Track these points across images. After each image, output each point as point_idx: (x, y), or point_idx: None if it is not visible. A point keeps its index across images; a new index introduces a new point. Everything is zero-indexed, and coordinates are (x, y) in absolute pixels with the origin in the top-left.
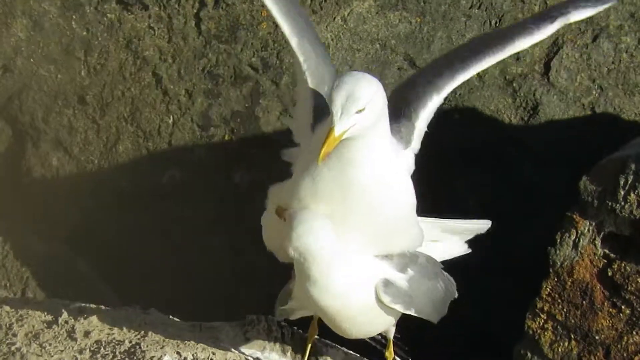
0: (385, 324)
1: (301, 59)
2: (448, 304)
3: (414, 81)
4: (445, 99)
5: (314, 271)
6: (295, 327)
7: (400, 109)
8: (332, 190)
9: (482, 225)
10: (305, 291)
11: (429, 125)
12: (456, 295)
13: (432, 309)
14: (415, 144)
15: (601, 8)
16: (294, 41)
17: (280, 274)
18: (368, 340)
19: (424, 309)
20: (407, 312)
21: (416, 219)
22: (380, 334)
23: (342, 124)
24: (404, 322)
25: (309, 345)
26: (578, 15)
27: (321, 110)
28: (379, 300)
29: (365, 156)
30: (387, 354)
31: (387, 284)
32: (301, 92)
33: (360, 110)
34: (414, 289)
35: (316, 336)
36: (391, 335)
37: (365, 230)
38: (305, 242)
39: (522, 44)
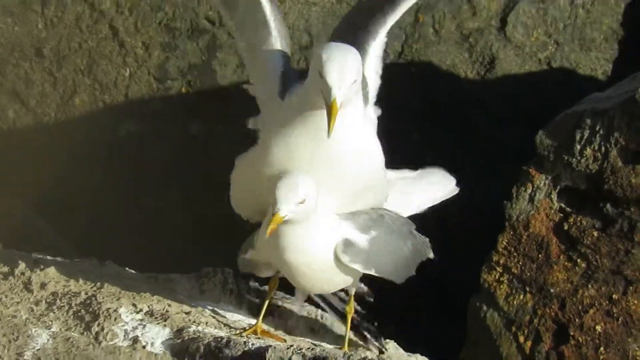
0: (346, 282)
1: (270, 18)
2: (417, 264)
3: (349, 30)
4: (400, 54)
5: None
6: (252, 280)
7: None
8: (308, 157)
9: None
10: (269, 242)
11: (384, 80)
12: (430, 255)
13: (394, 269)
14: (372, 95)
15: None
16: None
17: (237, 226)
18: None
19: (385, 269)
20: (367, 272)
21: (385, 177)
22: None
23: (342, 96)
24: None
25: (268, 299)
26: None
27: (290, 79)
28: (338, 260)
29: (341, 124)
30: (347, 308)
31: (347, 243)
32: (267, 57)
33: (354, 82)
34: (375, 250)
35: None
36: (352, 291)
37: (338, 193)
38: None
39: None
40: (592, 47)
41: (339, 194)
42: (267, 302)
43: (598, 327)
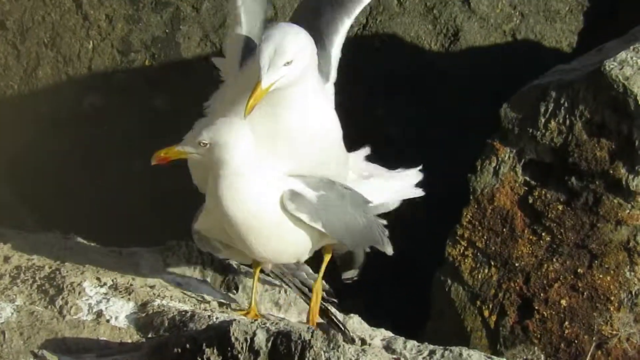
0: (299, 245)
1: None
2: (369, 241)
3: (318, 7)
4: (365, 26)
5: (226, 175)
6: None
7: (316, 36)
8: (263, 133)
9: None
10: (215, 199)
11: (348, 53)
12: (387, 251)
13: (345, 231)
14: (334, 73)
15: None
16: None
17: (201, 199)
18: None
19: (334, 228)
20: (314, 225)
21: (343, 153)
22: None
23: (269, 78)
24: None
25: (255, 279)
26: None
27: (250, 50)
28: (284, 209)
29: (295, 102)
30: (314, 285)
31: (294, 193)
32: (233, 28)
33: (288, 63)
34: (323, 206)
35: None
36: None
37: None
38: (225, 140)
39: None
40: (557, 18)
41: (296, 165)
42: (255, 284)
43: (563, 302)
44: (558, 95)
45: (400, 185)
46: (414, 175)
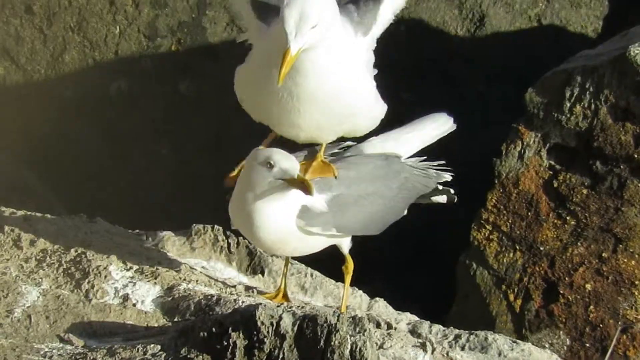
0: (324, 244)
1: None
2: (408, 204)
3: None
4: None
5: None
6: (242, 237)
7: None
8: (283, 90)
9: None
10: (238, 219)
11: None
12: (440, 181)
13: (360, 225)
14: (376, 30)
15: None
16: None
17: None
18: None
19: (348, 227)
20: (328, 233)
21: (373, 102)
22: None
23: (297, 43)
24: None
25: (285, 264)
26: None
27: (265, 7)
28: (297, 226)
29: (314, 60)
30: (343, 268)
31: (303, 210)
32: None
33: (313, 27)
34: (337, 207)
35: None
36: (345, 250)
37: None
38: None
39: None
40: (582, 4)
41: (313, 121)
42: (286, 268)
43: (588, 286)
44: (583, 80)
45: (426, 127)
46: (442, 119)
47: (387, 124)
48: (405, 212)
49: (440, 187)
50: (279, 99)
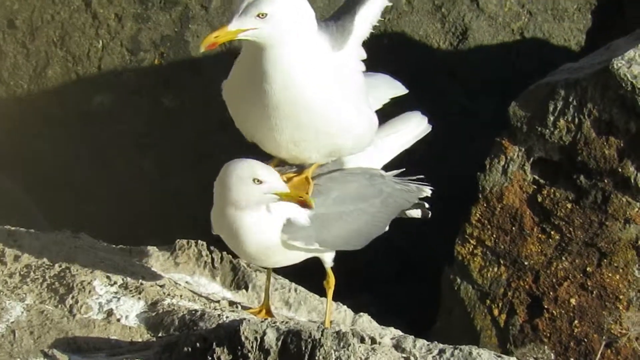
0: (304, 256)
1: None
2: (392, 217)
3: None
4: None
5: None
6: (226, 252)
7: (344, 7)
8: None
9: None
10: (221, 230)
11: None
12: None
13: (343, 240)
14: (352, 42)
15: None
16: None
17: (209, 197)
18: None
19: (331, 242)
20: (310, 247)
21: (355, 116)
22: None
23: (238, 23)
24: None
25: (268, 278)
26: None
27: None
28: (280, 240)
29: (279, 66)
30: (324, 283)
31: (287, 223)
32: None
33: (262, 15)
34: (317, 225)
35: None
36: (327, 265)
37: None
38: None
39: None
40: (565, 17)
41: (288, 136)
42: (268, 283)
43: (572, 300)
44: (566, 94)
45: (402, 128)
46: (416, 118)
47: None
48: (387, 227)
49: (416, 201)
50: (255, 111)
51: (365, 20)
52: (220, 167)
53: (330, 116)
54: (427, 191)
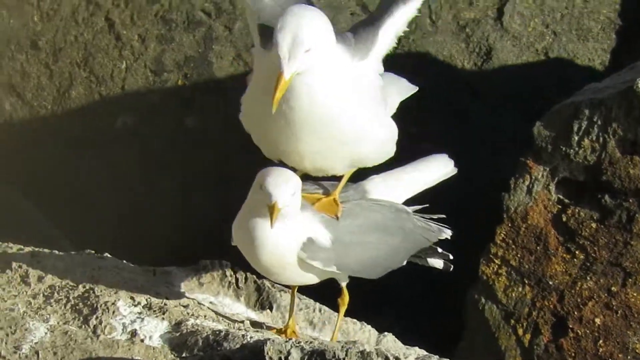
0: (319, 277)
1: None
2: (408, 255)
3: None
4: (397, 45)
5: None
6: (250, 272)
7: (368, 19)
8: (278, 116)
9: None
10: (242, 240)
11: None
12: (440, 238)
13: (361, 266)
14: (376, 52)
15: None
16: None
17: (232, 218)
18: None
19: (350, 267)
20: (328, 269)
21: (378, 126)
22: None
23: (291, 68)
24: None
25: (292, 298)
26: None
27: (265, 27)
28: (298, 257)
29: (308, 88)
30: (339, 300)
31: (308, 242)
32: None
33: (307, 51)
34: (339, 247)
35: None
36: (342, 283)
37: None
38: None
39: None
40: (589, 37)
41: (313, 148)
42: (292, 302)
43: (597, 320)
44: (591, 114)
45: (426, 168)
46: (443, 161)
47: (394, 158)
48: (405, 262)
49: (440, 250)
50: (277, 126)
51: (389, 33)
52: (242, 188)
53: (356, 127)
54: (448, 233)
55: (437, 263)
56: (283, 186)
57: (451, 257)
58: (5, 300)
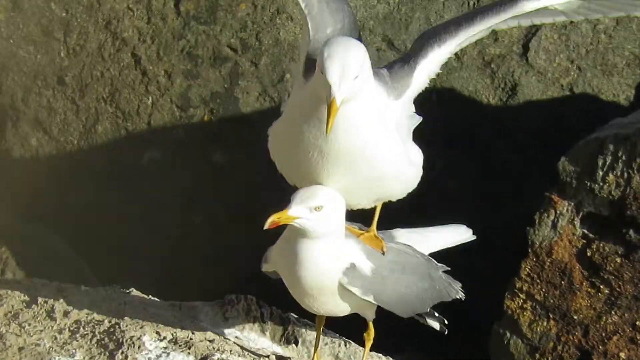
0: (353, 307)
1: (303, 4)
2: (434, 302)
3: (422, 35)
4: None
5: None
6: (275, 307)
7: (403, 58)
8: (312, 144)
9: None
10: (283, 255)
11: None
12: (457, 296)
13: (396, 302)
14: (410, 92)
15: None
16: None
17: (259, 253)
18: None
19: (386, 300)
20: (365, 298)
21: (406, 166)
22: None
23: (342, 93)
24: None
25: (318, 334)
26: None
27: (312, 60)
28: (339, 282)
29: (347, 122)
30: (365, 335)
31: (350, 267)
32: (302, 38)
33: (355, 77)
34: (378, 279)
35: (294, 315)
36: (369, 318)
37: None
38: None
39: (528, 5)
40: (614, 72)
41: (343, 184)
42: (318, 337)
43: (622, 354)
44: (616, 149)
45: (446, 233)
46: (462, 229)
47: (419, 192)
48: (429, 309)
49: (437, 314)
50: (309, 157)
51: (423, 74)
52: None
53: (388, 166)
54: (461, 295)
55: (434, 324)
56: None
57: (445, 322)
58: (31, 335)
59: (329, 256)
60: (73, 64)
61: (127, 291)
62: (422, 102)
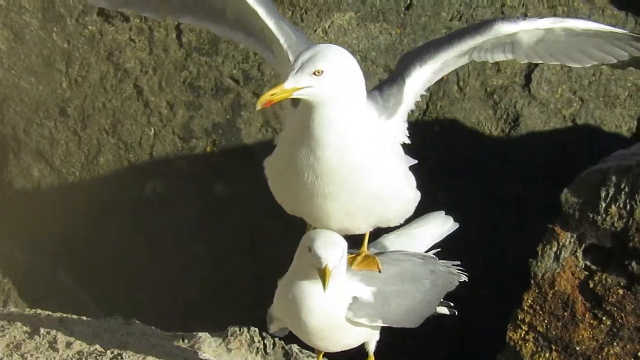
0: (362, 338)
1: (281, 39)
2: (439, 298)
3: (404, 56)
4: (425, 111)
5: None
6: (278, 338)
7: (389, 79)
8: (308, 167)
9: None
10: (286, 306)
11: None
12: (460, 280)
13: (403, 316)
14: (401, 111)
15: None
16: (271, 23)
17: (262, 284)
18: None
19: (393, 319)
20: (374, 324)
21: (403, 188)
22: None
23: (294, 81)
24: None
25: None
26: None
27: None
28: (346, 318)
29: (333, 131)
30: None
31: (353, 301)
32: (284, 71)
33: (318, 72)
34: (381, 301)
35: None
36: (371, 348)
37: (340, 204)
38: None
39: (504, 28)
40: (616, 103)
41: (341, 205)
42: None
43: None
44: (618, 180)
45: (434, 227)
46: (441, 217)
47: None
48: (437, 309)
49: (442, 300)
50: (305, 180)
51: (411, 92)
52: (272, 254)
53: (385, 184)
54: (463, 277)
55: (443, 310)
56: (332, 249)
57: (451, 304)
58: None
59: (334, 297)
60: (75, 95)
61: (130, 322)
62: (425, 133)
